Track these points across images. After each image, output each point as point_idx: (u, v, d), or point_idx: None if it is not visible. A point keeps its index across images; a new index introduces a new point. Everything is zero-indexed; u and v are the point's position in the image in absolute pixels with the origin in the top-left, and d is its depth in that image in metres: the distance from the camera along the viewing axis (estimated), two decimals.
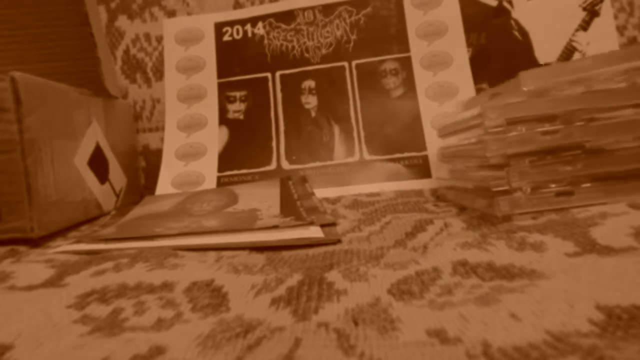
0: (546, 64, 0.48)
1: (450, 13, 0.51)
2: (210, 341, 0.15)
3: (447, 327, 0.15)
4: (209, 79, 0.54)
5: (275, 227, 0.31)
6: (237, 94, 0.54)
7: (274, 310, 0.18)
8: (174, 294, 0.20)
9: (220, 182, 0.51)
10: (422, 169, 0.47)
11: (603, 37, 0.47)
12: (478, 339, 0.14)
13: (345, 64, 0.52)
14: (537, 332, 0.14)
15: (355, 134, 0.50)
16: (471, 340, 0.14)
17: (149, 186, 0.59)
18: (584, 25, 0.48)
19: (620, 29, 0.54)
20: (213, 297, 0.20)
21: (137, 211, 0.42)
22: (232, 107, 0.53)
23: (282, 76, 0.53)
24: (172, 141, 0.53)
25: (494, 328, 0.14)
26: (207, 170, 0.51)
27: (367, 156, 0.49)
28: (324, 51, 0.53)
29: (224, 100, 0.54)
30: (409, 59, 0.51)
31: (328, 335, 0.15)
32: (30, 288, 0.23)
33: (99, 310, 0.19)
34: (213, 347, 0.15)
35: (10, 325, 0.18)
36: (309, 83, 0.53)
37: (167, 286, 0.21)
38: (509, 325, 0.14)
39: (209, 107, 0.54)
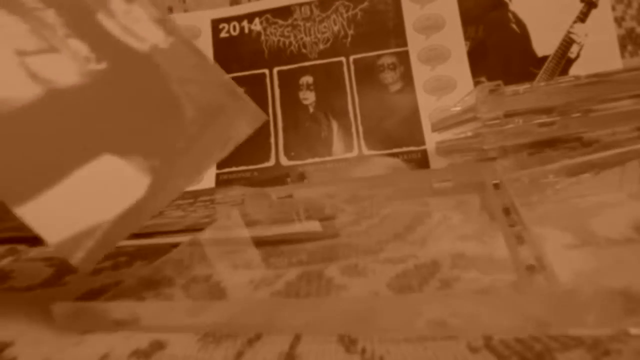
0: (544, 57, 0.48)
1: (447, 6, 0.51)
2: (211, 336, 0.15)
3: (448, 320, 0.15)
4: None
5: None
6: None
7: None
8: (172, 289, 0.20)
9: (219, 179, 0.51)
10: (420, 163, 0.47)
11: (601, 28, 0.47)
12: (479, 332, 0.14)
13: (343, 59, 0.52)
14: (539, 324, 0.14)
15: (353, 129, 0.50)
16: (472, 332, 0.14)
17: None
18: (582, 17, 0.48)
19: (619, 20, 0.54)
20: (212, 292, 0.20)
21: None
22: None
23: (279, 72, 0.53)
24: None
25: (495, 320, 0.14)
26: None
27: (365, 151, 0.49)
28: (321, 46, 0.53)
29: None
30: (406, 53, 0.51)
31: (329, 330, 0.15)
32: (29, 287, 0.23)
33: (98, 306, 0.19)
34: (213, 342, 0.15)
35: (11, 322, 0.18)
36: (307, 79, 0.52)
37: (165, 282, 0.21)
38: (510, 317, 0.14)
39: None
